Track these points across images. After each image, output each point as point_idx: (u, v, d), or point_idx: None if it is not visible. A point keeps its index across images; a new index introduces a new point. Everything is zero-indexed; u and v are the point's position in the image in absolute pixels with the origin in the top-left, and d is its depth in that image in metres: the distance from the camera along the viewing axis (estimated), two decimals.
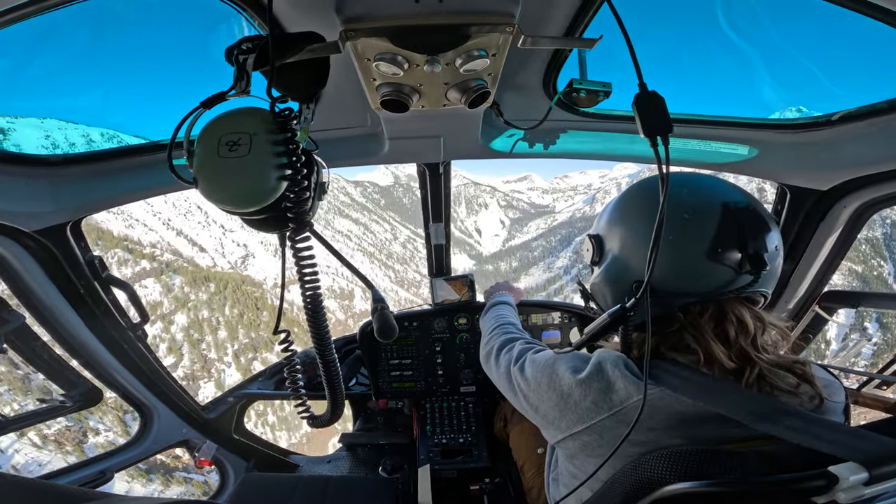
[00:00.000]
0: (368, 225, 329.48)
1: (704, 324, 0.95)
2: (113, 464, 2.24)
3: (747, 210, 0.93)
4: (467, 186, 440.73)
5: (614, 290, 1.07)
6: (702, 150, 1.66)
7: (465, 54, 1.00)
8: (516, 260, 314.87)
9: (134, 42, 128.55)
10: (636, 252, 1.01)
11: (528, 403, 1.15)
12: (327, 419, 1.31)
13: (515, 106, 1.50)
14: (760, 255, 0.90)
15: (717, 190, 0.97)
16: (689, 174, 1.05)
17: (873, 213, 1.65)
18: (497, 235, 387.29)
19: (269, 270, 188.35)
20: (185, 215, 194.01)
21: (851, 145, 1.42)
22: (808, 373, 0.92)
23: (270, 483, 2.04)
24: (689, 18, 69.66)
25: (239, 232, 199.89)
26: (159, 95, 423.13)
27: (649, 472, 0.77)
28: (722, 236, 0.91)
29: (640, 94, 0.89)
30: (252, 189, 0.86)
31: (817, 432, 0.70)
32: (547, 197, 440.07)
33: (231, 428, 2.71)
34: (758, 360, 0.91)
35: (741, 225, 0.92)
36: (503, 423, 2.38)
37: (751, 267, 0.90)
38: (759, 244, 0.91)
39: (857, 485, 0.59)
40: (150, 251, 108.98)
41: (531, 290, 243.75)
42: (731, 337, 0.93)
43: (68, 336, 1.80)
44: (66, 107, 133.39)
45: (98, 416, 35.02)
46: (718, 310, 0.95)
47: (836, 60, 75.72)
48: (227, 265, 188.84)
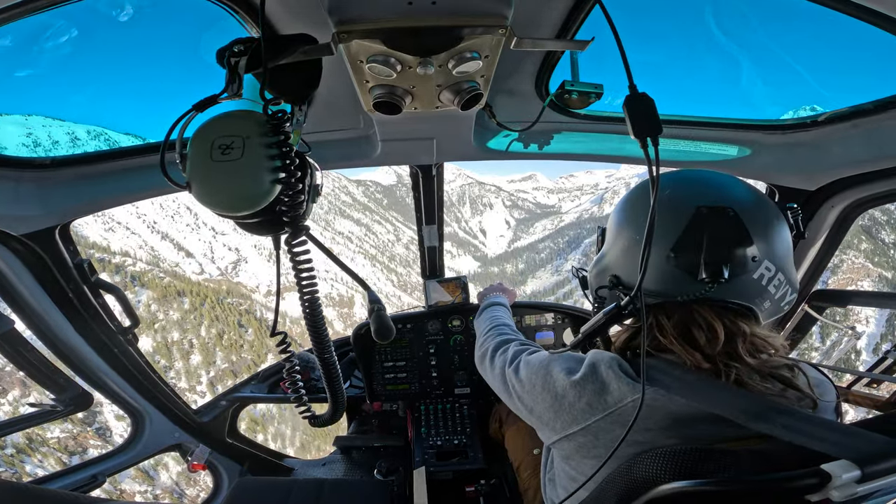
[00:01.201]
0: (370, 226, 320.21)
1: (670, 326, 0.95)
2: (105, 468, 2.22)
3: (724, 216, 0.90)
4: (472, 186, 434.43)
5: (598, 281, 1.12)
6: (692, 151, 1.67)
7: (457, 56, 1.00)
8: (522, 262, 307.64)
9: (123, 43, 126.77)
10: (615, 247, 1.06)
11: (523, 405, 1.15)
12: (328, 419, 1.31)
13: (508, 108, 1.50)
14: (718, 264, 0.87)
15: (703, 192, 0.94)
16: (683, 171, 1.04)
17: (860, 214, 1.68)
18: (502, 236, 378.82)
19: (263, 276, 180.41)
20: (173, 217, 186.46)
21: (838, 146, 1.44)
22: (792, 380, 0.91)
23: (265, 487, 2.02)
24: (683, 20, 68.95)
25: (231, 235, 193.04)
26: (150, 96, 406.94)
27: (644, 471, 0.78)
28: (683, 240, 0.90)
29: (630, 96, 0.89)
30: (246, 192, 0.86)
31: (810, 431, 0.71)
32: (552, 197, 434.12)
33: (224, 431, 2.69)
34: (731, 366, 0.89)
35: (707, 231, 0.89)
36: (498, 425, 2.39)
37: (706, 275, 0.87)
38: (722, 253, 0.88)
39: (850, 482, 0.59)
40: (120, 260, 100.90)
41: (539, 293, 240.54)
42: (700, 342, 0.92)
43: (58, 340, 1.78)
44: (52, 105, 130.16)
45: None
46: (687, 314, 0.94)
47: (825, 62, 74.89)
48: (216, 271, 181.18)
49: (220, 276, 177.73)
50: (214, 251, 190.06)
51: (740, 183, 1.00)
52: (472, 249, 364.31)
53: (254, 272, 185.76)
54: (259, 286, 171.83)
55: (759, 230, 0.90)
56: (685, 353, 0.92)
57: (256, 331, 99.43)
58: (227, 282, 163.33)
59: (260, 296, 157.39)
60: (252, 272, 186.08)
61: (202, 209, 1.49)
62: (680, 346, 0.93)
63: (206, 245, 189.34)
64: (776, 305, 0.96)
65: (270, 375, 2.89)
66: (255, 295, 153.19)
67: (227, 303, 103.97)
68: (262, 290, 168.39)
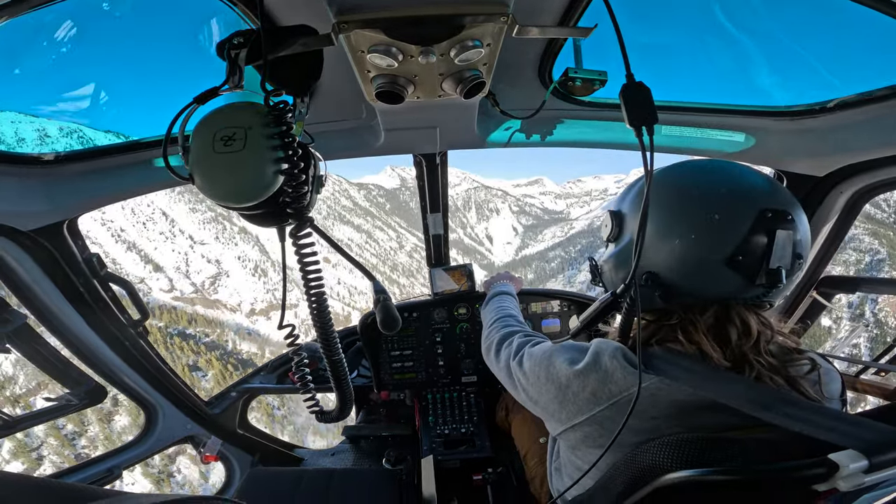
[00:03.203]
0: (371, 232, 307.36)
1: (702, 322, 0.93)
2: (120, 461, 2.26)
3: (785, 220, 0.86)
4: (477, 190, 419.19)
5: (623, 273, 1.03)
6: (698, 138, 1.66)
7: (459, 45, 0.99)
8: (532, 272, 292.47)
9: (118, 36, 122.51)
10: (653, 241, 0.93)
11: (528, 397, 1.15)
12: (336, 415, 1.31)
13: (511, 96, 1.49)
14: (780, 271, 0.85)
15: (759, 191, 0.89)
16: (729, 164, 0.97)
17: (869, 200, 1.67)
18: (509, 243, 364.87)
19: (246, 293, 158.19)
20: (146, 224, 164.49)
21: (848, 132, 1.41)
22: (799, 381, 0.90)
23: (276, 477, 2.06)
24: (692, 4, 66.49)
25: (211, 245, 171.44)
26: (136, 92, 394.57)
27: (650, 459, 0.78)
28: (747, 246, 0.85)
29: (626, 85, 0.88)
30: (249, 183, 0.86)
31: (817, 421, 0.71)
32: (560, 202, 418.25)
33: (235, 423, 2.73)
34: (756, 363, 0.89)
35: (772, 237, 0.85)
36: (505, 413, 2.40)
37: (766, 281, 0.85)
38: (784, 259, 0.85)
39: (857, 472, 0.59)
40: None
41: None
42: (731, 339, 0.91)
43: (70, 334, 1.80)
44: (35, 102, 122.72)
45: None
46: (723, 312, 0.92)
47: (834, 50, 73.35)
48: (190, 288, 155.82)
49: (193, 294, 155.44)
50: (190, 263, 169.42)
51: (775, 180, 0.97)
52: (477, 257, 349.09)
53: (236, 287, 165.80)
54: (241, 304, 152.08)
55: (804, 232, 0.89)
56: (712, 349, 0.90)
57: (219, 375, 69.57)
58: (201, 299, 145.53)
59: (241, 316, 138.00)
60: (234, 287, 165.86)
61: (179, 214, 1.45)
62: (709, 343, 0.91)
63: (180, 256, 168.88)
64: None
65: (279, 366, 2.92)
66: (235, 316, 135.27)
67: (189, 334, 75.03)
68: (244, 309, 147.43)
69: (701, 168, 0.97)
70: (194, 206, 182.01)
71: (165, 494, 0.65)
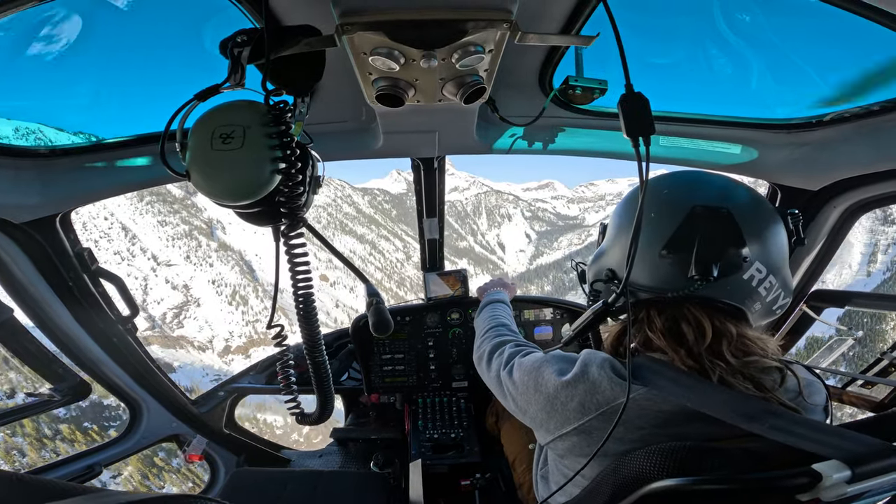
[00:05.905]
0: (376, 243, 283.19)
1: (660, 322, 0.98)
2: (101, 458, 2.22)
3: (718, 215, 0.92)
4: (488, 195, 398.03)
5: (594, 273, 1.16)
6: (695, 150, 1.67)
7: (461, 50, 1.00)
8: (549, 283, 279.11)
9: (118, 34, 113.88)
10: (613, 244, 1.10)
11: (518, 406, 1.16)
12: (316, 418, 1.31)
13: (511, 102, 1.50)
14: (709, 262, 0.89)
15: (700, 191, 0.98)
16: (692, 173, 1.07)
17: (862, 215, 1.68)
18: (522, 251, 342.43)
19: (220, 326, 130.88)
20: (97, 242, 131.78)
21: (843, 146, 1.43)
22: (776, 382, 0.92)
23: (261, 478, 2.03)
24: (698, 13, 68.88)
25: (181, 267, 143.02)
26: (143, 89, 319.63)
27: (635, 468, 0.78)
28: (676, 237, 0.93)
29: (625, 95, 0.91)
30: (245, 181, 0.86)
31: (801, 432, 0.71)
32: (573, 207, 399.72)
33: (222, 422, 2.70)
34: (717, 365, 0.91)
35: (700, 229, 0.91)
36: (495, 419, 2.40)
37: (696, 272, 0.90)
38: (713, 251, 0.90)
39: (840, 482, 0.60)
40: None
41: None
42: (688, 339, 0.94)
43: (56, 329, 1.78)
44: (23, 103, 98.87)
45: None
46: (678, 311, 0.97)
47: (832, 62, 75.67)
48: (146, 324, 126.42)
49: (149, 331, 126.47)
50: (150, 291, 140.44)
51: (740, 186, 1.01)
52: (489, 266, 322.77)
53: (207, 319, 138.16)
54: (213, 340, 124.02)
55: (753, 232, 0.92)
56: (671, 349, 0.95)
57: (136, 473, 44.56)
58: (159, 337, 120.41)
59: (212, 355, 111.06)
60: (205, 318, 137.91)
61: (144, 229, 1.38)
62: (667, 342, 0.96)
63: (138, 282, 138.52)
64: (767, 308, 0.98)
65: (268, 366, 2.90)
66: (204, 356, 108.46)
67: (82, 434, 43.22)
68: (216, 347, 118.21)
69: (664, 176, 1.06)
70: (164, 219, 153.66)
71: (144, 493, 0.64)
